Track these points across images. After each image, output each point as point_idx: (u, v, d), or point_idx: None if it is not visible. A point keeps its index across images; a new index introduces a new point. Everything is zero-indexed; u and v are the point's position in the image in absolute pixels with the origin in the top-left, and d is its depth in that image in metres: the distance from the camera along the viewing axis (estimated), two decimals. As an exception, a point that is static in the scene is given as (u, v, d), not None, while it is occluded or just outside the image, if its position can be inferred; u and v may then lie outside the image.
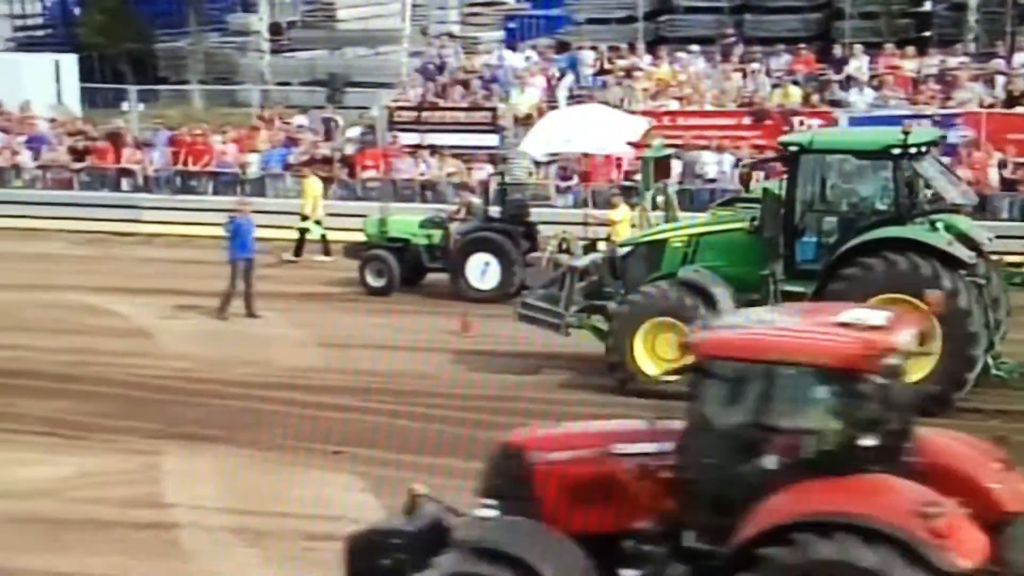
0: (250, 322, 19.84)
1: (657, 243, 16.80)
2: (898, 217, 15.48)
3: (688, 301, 15.65)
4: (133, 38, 43.49)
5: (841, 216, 15.86)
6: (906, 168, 15.45)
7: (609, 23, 35.17)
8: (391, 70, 35.57)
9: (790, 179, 15.78)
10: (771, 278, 15.60)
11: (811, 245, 15.74)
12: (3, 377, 16.93)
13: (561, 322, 16.85)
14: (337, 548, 11.57)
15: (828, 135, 17.30)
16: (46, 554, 11.59)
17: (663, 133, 25.10)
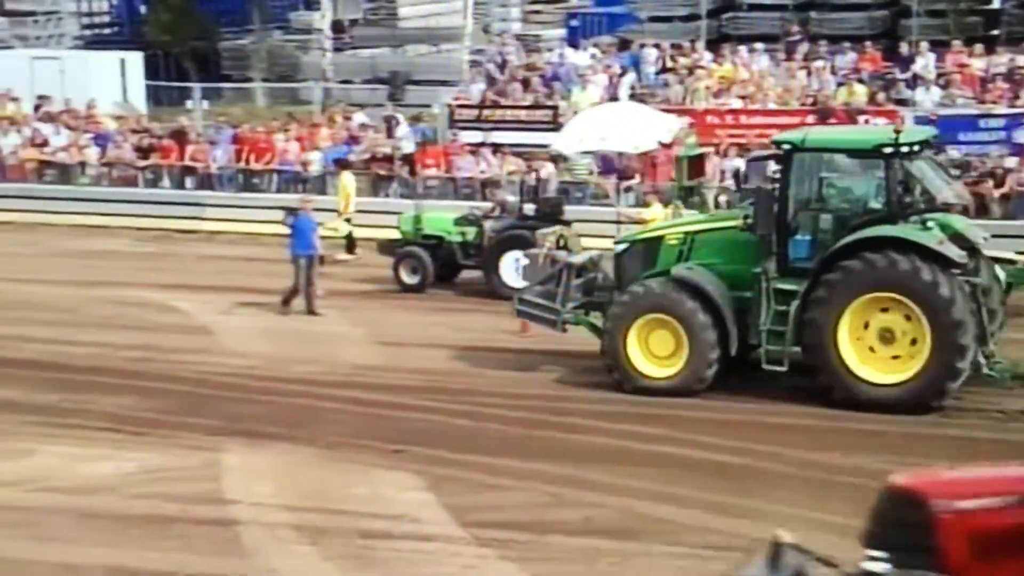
0: (310, 319, 19.96)
1: (653, 240, 16.87)
2: (890, 216, 15.44)
3: (681, 298, 15.75)
4: (198, 36, 43.96)
5: (833, 214, 15.82)
6: (898, 167, 15.39)
7: (672, 21, 35.04)
8: (452, 68, 35.66)
9: (783, 177, 15.76)
10: (764, 276, 15.63)
11: (804, 243, 15.72)
12: (70, 373, 17.16)
13: (558, 318, 16.95)
14: (394, 547, 11.72)
15: (821, 133, 17.43)
16: (108, 549, 11.71)
17: (728, 132, 25.10)
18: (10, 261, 24.35)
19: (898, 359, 15.17)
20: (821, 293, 15.19)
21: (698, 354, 15.71)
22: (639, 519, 12.33)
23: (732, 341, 15.74)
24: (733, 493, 12.87)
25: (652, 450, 14.16)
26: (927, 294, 14.81)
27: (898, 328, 15.13)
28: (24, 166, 28.91)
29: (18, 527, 12.19)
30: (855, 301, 15.09)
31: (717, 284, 15.90)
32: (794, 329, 15.39)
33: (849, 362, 15.16)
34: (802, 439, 14.42)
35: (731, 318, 15.73)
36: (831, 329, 15.09)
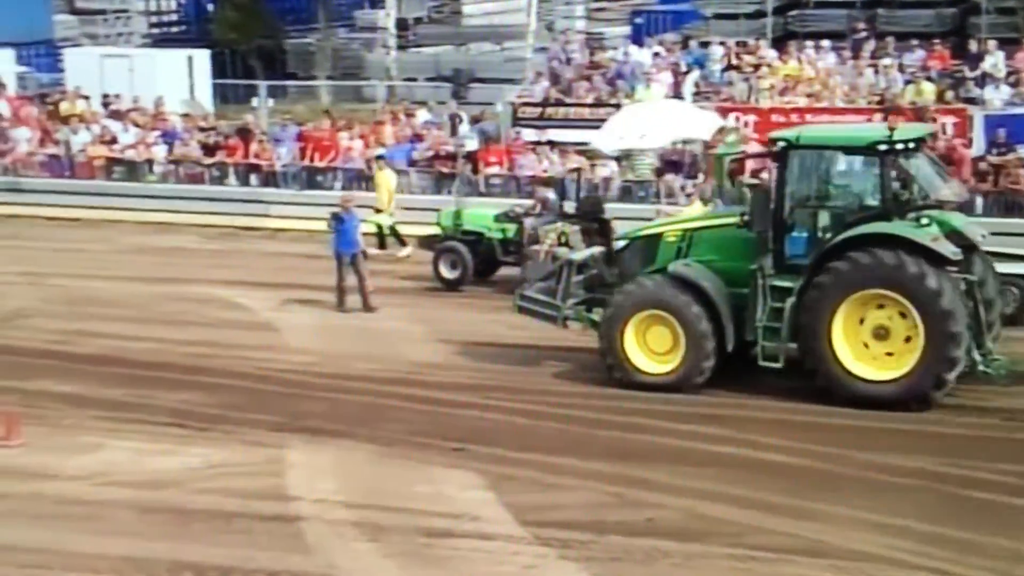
0: (371, 317, 20.05)
1: (653, 237, 16.96)
2: (885, 213, 15.44)
3: (677, 294, 15.86)
4: (264, 34, 44.38)
5: (829, 211, 15.86)
6: (892, 164, 15.41)
7: (738, 18, 34.84)
8: (516, 66, 35.68)
9: (779, 175, 15.85)
10: (760, 272, 15.68)
11: (800, 240, 15.79)
12: (136, 368, 17.36)
13: (558, 315, 17.14)
14: (455, 545, 11.75)
15: (816, 131, 17.45)
16: (172, 543, 11.83)
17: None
18: (78, 257, 24.70)
19: (892, 355, 15.20)
20: (816, 290, 15.26)
21: (694, 350, 15.82)
22: (701, 520, 12.27)
23: (728, 337, 15.84)
24: (795, 495, 12.77)
25: (714, 451, 14.08)
26: (919, 290, 14.84)
27: (892, 324, 15.18)
28: (93, 163, 29.25)
29: (85, 521, 12.35)
30: (849, 298, 15.15)
31: (714, 281, 16.01)
32: (790, 326, 15.48)
33: (843, 359, 15.21)
34: (864, 440, 14.28)
35: (727, 315, 15.84)
36: (825, 326, 15.17)
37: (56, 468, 13.67)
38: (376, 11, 44.59)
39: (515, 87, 31.02)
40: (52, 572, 11.30)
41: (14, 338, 18.98)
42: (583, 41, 33.65)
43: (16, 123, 30.27)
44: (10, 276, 22.85)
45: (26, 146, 29.67)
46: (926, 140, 16.73)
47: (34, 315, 20.30)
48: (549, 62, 31.51)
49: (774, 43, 31.22)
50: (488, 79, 34.82)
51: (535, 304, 17.47)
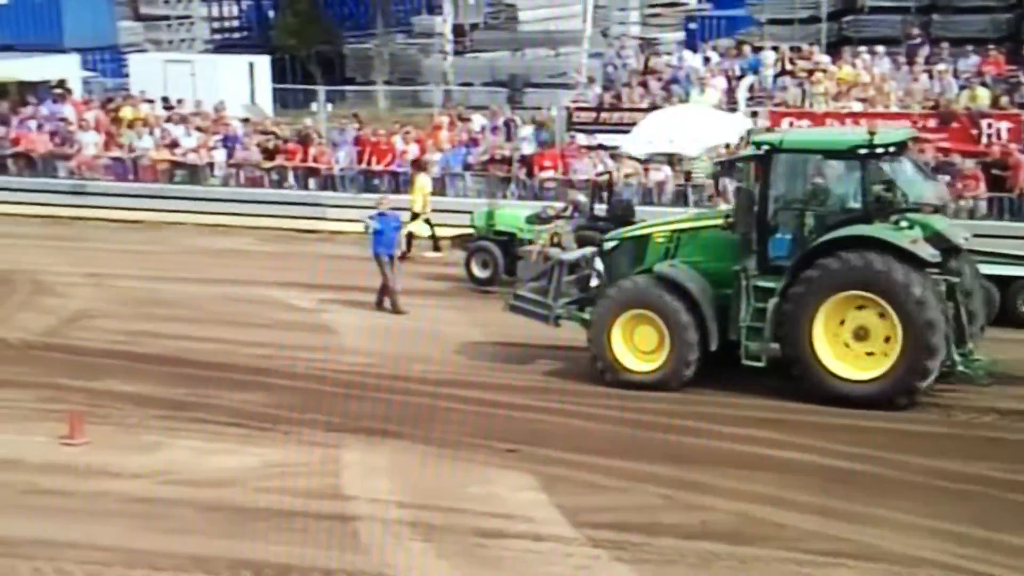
0: (426, 318, 20.21)
1: (641, 238, 17.27)
2: (865, 216, 15.64)
3: (662, 294, 16.15)
4: (323, 40, 44.77)
5: (812, 214, 16.05)
6: (873, 168, 15.61)
7: (792, 23, 34.73)
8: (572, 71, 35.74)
9: (763, 178, 16.12)
10: (744, 273, 15.94)
11: (784, 242, 16.04)
12: (197, 368, 17.61)
13: (550, 314, 17.45)
14: (508, 546, 11.87)
15: (799, 135, 17.59)
16: (232, 541, 12.02)
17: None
18: (140, 259, 25.03)
19: (872, 356, 15.42)
20: (796, 291, 15.51)
21: (679, 349, 16.10)
22: (754, 523, 12.31)
23: (712, 337, 16.09)
24: (850, 499, 12.78)
25: (768, 454, 14.11)
26: (898, 292, 15.06)
27: (872, 325, 15.39)
28: (155, 167, 29.66)
29: (148, 519, 12.56)
30: (829, 299, 15.39)
31: (698, 281, 16.26)
32: (772, 326, 15.71)
33: (824, 359, 15.45)
34: (922, 445, 14.26)
35: (711, 315, 16.09)
36: (806, 326, 15.42)
37: (119, 466, 13.93)
38: (433, 17, 44.84)
39: (570, 92, 31.10)
40: (114, 569, 11.51)
41: (79, 338, 19.32)
42: (638, 46, 33.67)
43: (82, 127, 30.75)
44: (75, 277, 23.23)
45: (92, 149, 30.12)
46: (908, 144, 16.92)
47: (98, 316, 20.64)
48: (604, 67, 31.59)
49: (828, 48, 31.11)
50: (543, 84, 34.92)
51: (527, 303, 17.82)
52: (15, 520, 12.51)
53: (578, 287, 17.73)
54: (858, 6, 35.14)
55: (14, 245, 26.05)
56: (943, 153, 24.15)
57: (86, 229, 28.07)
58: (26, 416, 15.69)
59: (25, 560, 11.61)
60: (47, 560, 11.61)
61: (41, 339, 19.21)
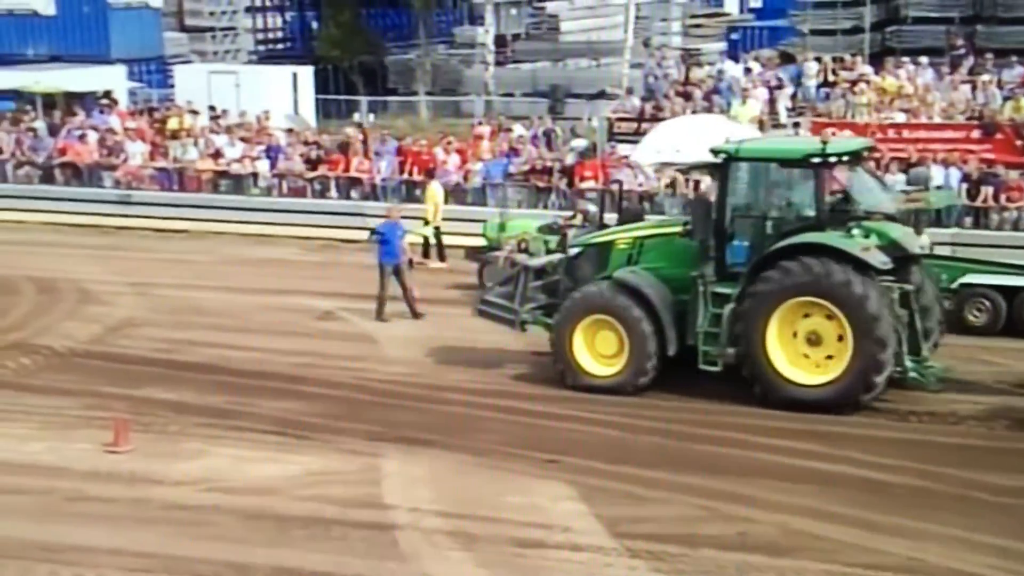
0: (466, 327, 20.16)
1: (605, 245, 17.56)
2: (819, 223, 15.89)
3: (621, 300, 16.44)
4: (366, 51, 44.99)
5: (767, 221, 16.34)
6: (826, 176, 15.89)
7: (835, 34, 34.64)
8: (612, 81, 35.79)
9: (720, 186, 16.50)
10: (701, 280, 16.26)
11: (741, 248, 16.30)
12: (239, 377, 17.76)
13: (516, 318, 17.75)
14: (547, 556, 11.89)
15: (755, 144, 17.90)
16: (272, 549, 12.11)
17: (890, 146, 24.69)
18: (184, 268, 25.24)
19: (824, 361, 15.69)
20: (750, 297, 15.80)
21: (637, 354, 16.41)
22: (794, 536, 12.28)
23: (670, 342, 16.40)
24: (890, 511, 12.74)
25: (808, 466, 14.07)
26: (848, 298, 15.33)
27: (823, 331, 15.66)
28: (200, 177, 29.91)
29: (190, 526, 12.69)
30: (782, 305, 15.66)
31: (657, 287, 16.57)
32: (728, 331, 15.99)
33: (777, 363, 15.73)
34: (963, 458, 14.18)
35: (669, 320, 16.41)
36: (760, 332, 15.69)
37: (162, 474, 14.07)
38: (475, 28, 45.05)
39: (611, 102, 31.13)
40: None
41: (123, 346, 19.52)
42: (679, 57, 33.68)
43: (128, 137, 31.06)
44: (120, 286, 23.46)
45: (138, 159, 30.41)
46: (862, 153, 17.18)
47: (142, 324, 20.84)
48: (644, 77, 31.59)
49: (871, 59, 30.98)
50: (584, 94, 34.98)
51: (494, 308, 18.12)
52: (60, 526, 12.65)
53: (546, 292, 17.98)
54: (901, 16, 34.97)
55: (61, 254, 26.35)
56: (987, 164, 24.03)
57: (132, 238, 28.34)
58: (71, 423, 15.87)
59: (68, 566, 11.76)
60: (91, 567, 11.75)
61: (86, 347, 19.42)
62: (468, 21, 48.49)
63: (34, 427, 15.76)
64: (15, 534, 12.44)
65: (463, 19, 49.37)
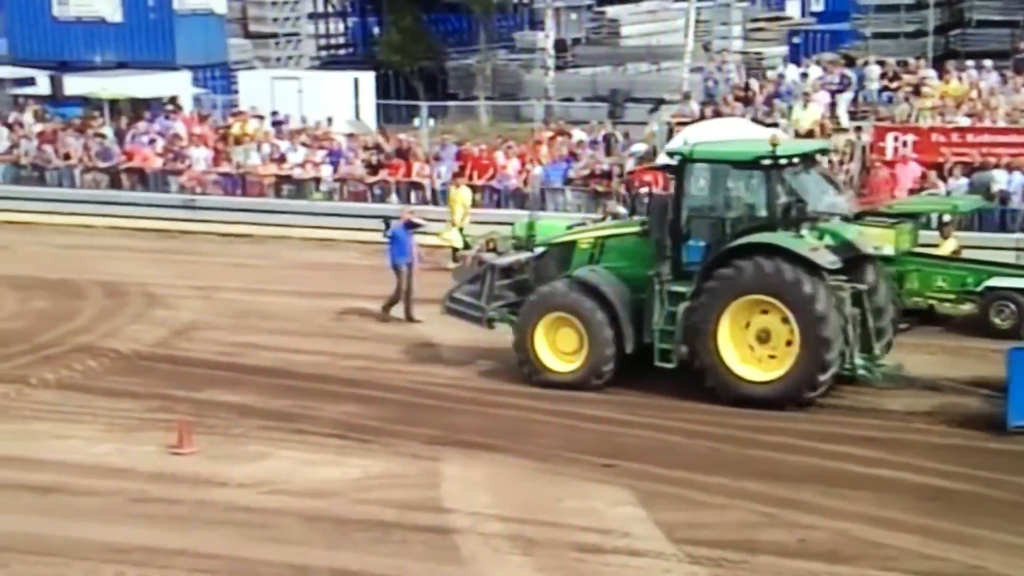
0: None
1: (568, 244, 18.03)
2: (770, 224, 16.23)
3: (581, 298, 16.91)
4: (426, 56, 45.21)
5: (721, 221, 16.68)
6: (776, 178, 16.24)
7: (898, 37, 34.37)
8: (672, 86, 35.73)
9: (676, 186, 16.95)
10: (658, 278, 16.69)
11: (696, 248, 16.67)
12: (301, 380, 17.93)
13: (483, 316, 18.31)
14: (605, 561, 11.93)
15: (709, 146, 18.19)
16: (333, 551, 12.23)
17: (954, 150, 24.48)
18: (246, 272, 25.51)
19: (773, 358, 16.09)
20: (703, 296, 16.26)
21: (596, 351, 16.87)
22: (853, 543, 12.24)
23: (627, 339, 16.86)
24: (950, 519, 12.67)
25: (868, 473, 14.01)
26: (795, 297, 15.73)
27: (773, 329, 16.06)
28: (263, 182, 30.22)
29: (252, 528, 12.85)
30: (732, 304, 16.07)
31: (615, 286, 17.03)
32: (682, 329, 16.45)
33: (728, 360, 16.14)
34: (1021, 464, 14.03)
35: (626, 318, 16.86)
36: (711, 330, 16.13)
37: (225, 476, 14.26)
38: (535, 33, 45.06)
39: (671, 107, 31.08)
40: (219, 577, 11.82)
41: (187, 350, 19.79)
42: (739, 61, 33.57)
43: (193, 143, 31.46)
44: (184, 290, 23.77)
45: (203, 165, 30.78)
46: (814, 156, 17.51)
47: (206, 328, 21.10)
48: (704, 82, 31.52)
49: (934, 62, 30.71)
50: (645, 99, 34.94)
51: (462, 306, 18.63)
52: (126, 527, 12.87)
53: (515, 291, 18.33)
54: (965, 19, 34.63)
55: (128, 258, 26.73)
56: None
57: (196, 243, 28.66)
58: (137, 425, 16.13)
59: (134, 567, 11.96)
60: (156, 567, 11.94)
61: (151, 350, 19.71)
62: (528, 26, 48.55)
63: (101, 429, 16.04)
64: (83, 535, 12.67)
65: (523, 24, 49.45)
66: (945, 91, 27.37)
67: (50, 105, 36.70)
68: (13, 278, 24.56)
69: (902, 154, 25.02)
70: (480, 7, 44.88)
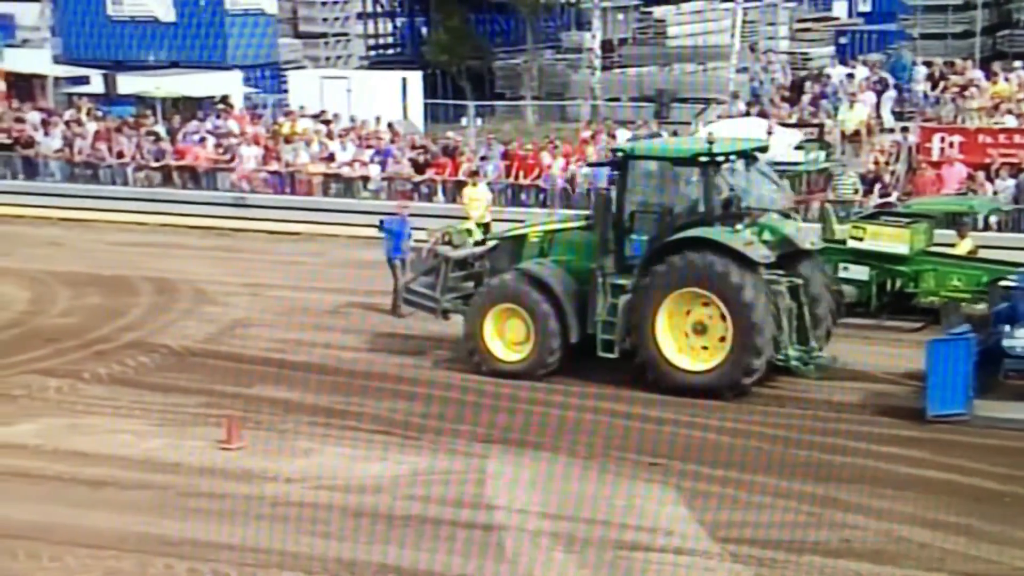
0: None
1: (519, 238, 18.63)
2: (707, 219, 16.78)
3: (527, 290, 17.47)
4: (473, 56, 45.29)
5: (661, 217, 17.20)
6: (713, 174, 16.75)
7: (945, 38, 34.12)
8: (719, 86, 35.65)
9: (620, 183, 17.59)
10: (601, 271, 17.21)
11: (638, 242, 17.23)
12: (345, 377, 18.05)
13: (437, 307, 18.98)
14: (650, 559, 11.97)
15: (650, 144, 18.74)
16: (379, 547, 12.31)
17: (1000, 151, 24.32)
18: (295, 270, 25.69)
19: (707, 349, 16.69)
20: (641, 288, 16.84)
21: (542, 341, 17.44)
22: (899, 543, 12.23)
23: (571, 330, 17.39)
24: (998, 520, 12.62)
25: (915, 473, 13.98)
26: (725, 287, 16.32)
27: (708, 320, 16.65)
28: (312, 180, 30.44)
29: (301, 523, 12.94)
30: (668, 297, 16.66)
31: (560, 278, 17.59)
32: (623, 320, 16.95)
33: (666, 351, 16.72)
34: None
35: (571, 309, 17.40)
36: (650, 321, 16.70)
37: (273, 471, 14.39)
38: (582, 33, 45.06)
39: (717, 107, 31.02)
40: (268, 571, 11.90)
41: (236, 346, 19.98)
42: (786, 61, 33.46)
43: (243, 141, 31.72)
44: (233, 287, 23.98)
45: (252, 163, 31.03)
46: (752, 153, 17.78)
47: (254, 324, 21.29)
48: (750, 82, 31.44)
49: (982, 63, 30.48)
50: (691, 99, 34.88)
51: (417, 296, 19.31)
52: (175, 521, 13.00)
53: (473, 283, 18.89)
54: (1013, 20, 34.33)
55: (179, 255, 27.00)
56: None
57: (246, 240, 28.89)
58: (187, 420, 16.33)
59: (183, 560, 12.10)
60: (205, 561, 12.07)
61: (201, 346, 19.92)
62: (575, 26, 48.52)
63: (152, 424, 16.24)
64: (134, 528, 12.85)
65: (570, 24, 49.43)
66: (993, 92, 27.17)
67: (104, 104, 37.12)
68: (67, 274, 24.89)
69: (948, 155, 24.89)
70: (527, 7, 44.92)
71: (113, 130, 33.04)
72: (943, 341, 15.76)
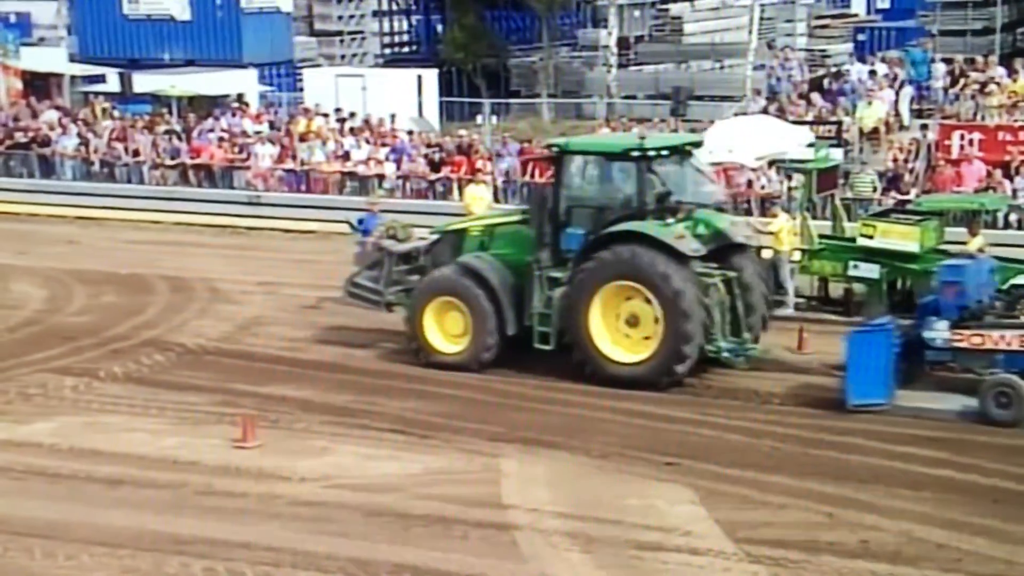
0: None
1: (461, 231, 18.99)
2: (639, 213, 17.06)
3: (465, 283, 17.77)
4: (489, 53, 45.30)
5: (595, 211, 17.52)
6: (644, 169, 17.08)
7: (965, 35, 33.96)
8: (736, 83, 35.56)
9: (556, 177, 17.93)
10: (537, 264, 17.51)
11: (574, 236, 17.43)
12: (359, 375, 18.09)
13: (381, 300, 19.29)
14: (665, 559, 11.93)
15: (584, 140, 18.91)
16: (394, 546, 12.32)
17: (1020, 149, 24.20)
18: (309, 268, 25.65)
19: (640, 340, 16.97)
20: (574, 282, 17.13)
21: (479, 333, 17.75)
22: (917, 544, 12.16)
23: (508, 323, 17.72)
24: (1017, 521, 12.55)
25: (932, 474, 13.90)
26: (654, 279, 16.62)
27: (641, 313, 16.94)
28: (327, 178, 30.44)
29: (315, 522, 12.96)
30: (602, 288, 16.93)
31: (498, 271, 17.87)
32: (558, 313, 17.29)
33: (599, 342, 17.02)
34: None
35: (508, 302, 17.71)
36: (583, 314, 16.98)
37: (288, 470, 14.38)
38: (598, 30, 45.06)
39: (734, 104, 30.94)
40: (282, 570, 11.89)
41: (251, 344, 20.01)
42: (803, 58, 33.36)
43: (258, 140, 31.74)
44: (249, 285, 24.02)
45: (267, 161, 31.06)
46: (684, 148, 18.03)
47: (269, 323, 21.32)
48: (768, 79, 31.35)
49: (1001, 60, 30.33)
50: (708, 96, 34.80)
51: (361, 290, 19.55)
52: (191, 520, 13.04)
53: (418, 276, 19.15)
54: (1034, 17, 34.20)
55: (194, 253, 27.07)
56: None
57: (261, 238, 28.95)
58: (202, 419, 16.34)
59: (198, 559, 12.10)
60: (220, 559, 12.07)
61: (217, 344, 19.95)
62: (591, 24, 48.53)
63: (168, 422, 16.26)
64: (149, 526, 12.85)
65: (586, 22, 49.44)
66: (1012, 89, 27.02)
67: (119, 102, 37.21)
68: (83, 272, 24.97)
69: (967, 152, 24.77)
70: (543, 4, 44.89)
71: (129, 128, 33.09)
72: (861, 332, 16.06)
